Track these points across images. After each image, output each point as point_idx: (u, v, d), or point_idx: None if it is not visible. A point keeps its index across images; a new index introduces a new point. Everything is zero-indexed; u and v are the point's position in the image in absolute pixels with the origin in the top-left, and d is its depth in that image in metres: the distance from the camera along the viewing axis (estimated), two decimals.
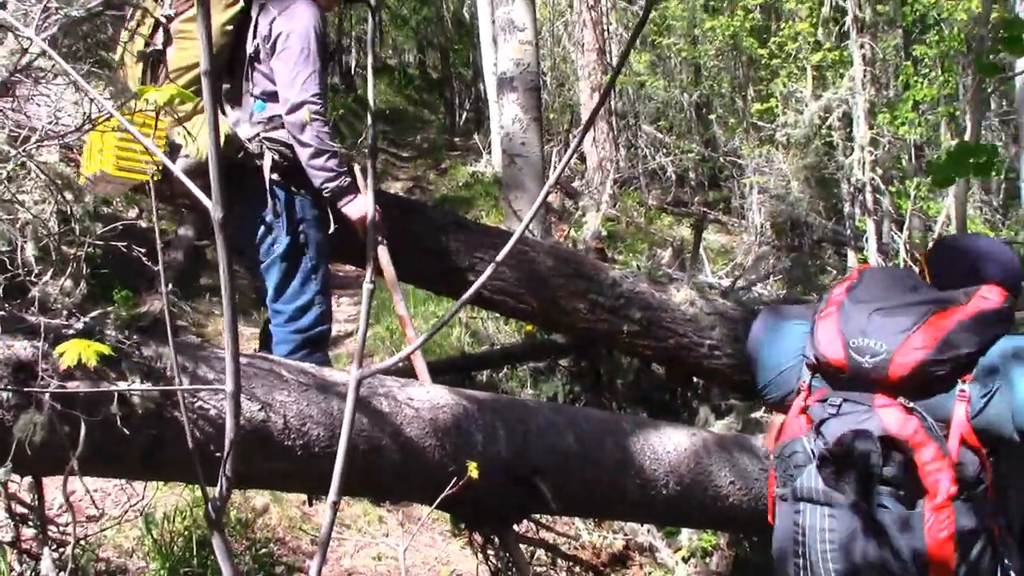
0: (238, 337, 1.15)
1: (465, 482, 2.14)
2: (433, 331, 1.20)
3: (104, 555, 3.44)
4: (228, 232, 1.10)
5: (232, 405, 1.15)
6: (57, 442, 2.15)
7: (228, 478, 1.18)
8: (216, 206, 1.07)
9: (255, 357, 2.71)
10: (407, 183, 13.69)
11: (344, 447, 1.19)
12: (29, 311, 2.28)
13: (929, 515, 2.07)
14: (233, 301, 1.11)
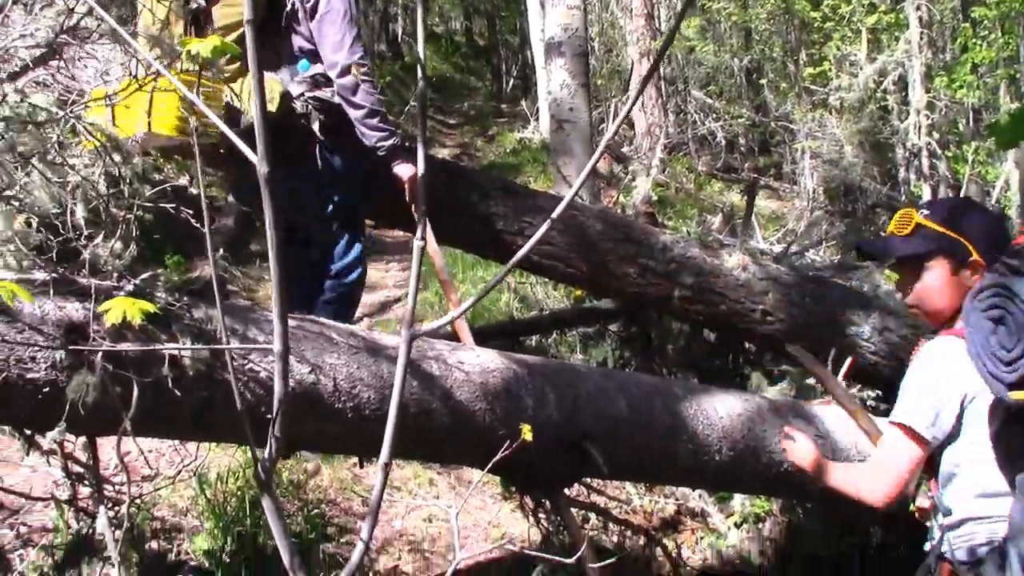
0: (286, 298, 1.13)
1: (516, 446, 2.11)
2: (482, 293, 1.17)
3: (159, 514, 3.48)
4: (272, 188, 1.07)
5: (280, 366, 1.13)
6: (109, 403, 2.16)
7: (277, 439, 1.16)
8: (261, 161, 1.04)
9: (305, 320, 2.71)
10: (454, 150, 13.65)
11: (395, 408, 1.17)
12: (80, 273, 2.29)
13: None
14: (280, 258, 1.09)
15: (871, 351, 4.40)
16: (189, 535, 3.35)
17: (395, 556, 3.63)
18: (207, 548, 3.17)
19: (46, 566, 2.82)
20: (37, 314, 2.17)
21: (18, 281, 2.25)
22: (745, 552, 4.13)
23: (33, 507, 3.37)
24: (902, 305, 4.55)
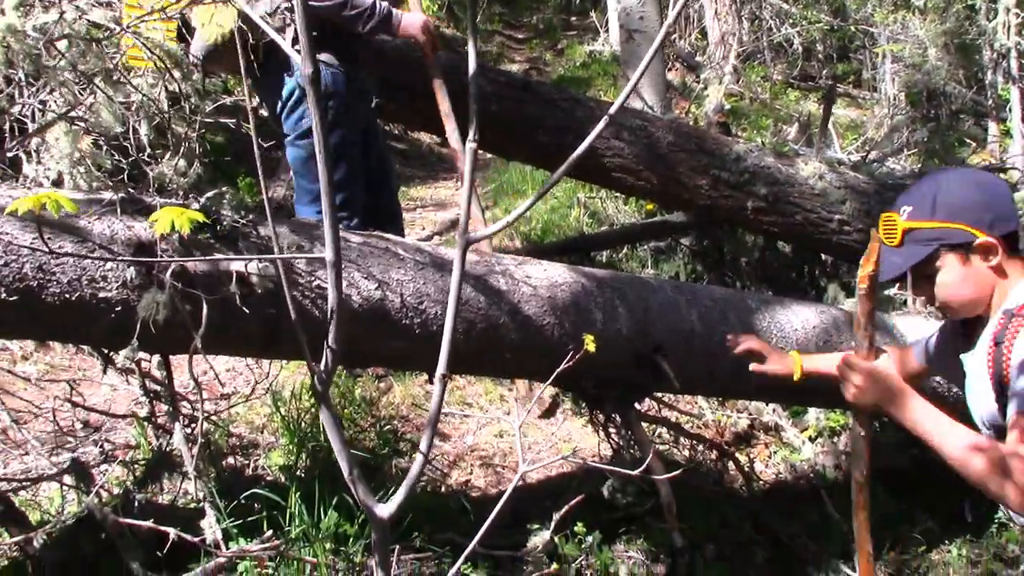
0: (334, 204, 1.10)
1: (584, 358, 2.07)
2: (537, 196, 1.13)
3: (237, 431, 3.56)
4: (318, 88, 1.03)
5: (333, 275, 1.10)
6: (179, 321, 2.18)
7: (333, 350, 1.14)
8: (306, 60, 1.00)
9: (371, 236, 2.69)
10: (523, 65, 13.44)
11: (451, 317, 1.14)
12: (148, 192, 2.30)
13: None
14: (329, 163, 1.05)
15: None
16: (265, 451, 3.41)
17: (467, 471, 3.67)
18: (282, 463, 3.23)
19: (128, 481, 2.90)
20: (107, 233, 2.19)
21: (87, 201, 2.28)
22: (819, 466, 4.08)
23: (117, 424, 3.48)
24: None
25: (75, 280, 2.13)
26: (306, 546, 2.67)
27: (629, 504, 3.33)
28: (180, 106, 2.18)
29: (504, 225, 1.16)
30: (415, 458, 3.50)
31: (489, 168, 8.12)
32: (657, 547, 3.21)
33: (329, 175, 1.10)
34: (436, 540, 2.89)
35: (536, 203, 1.15)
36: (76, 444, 3.13)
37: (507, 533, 3.17)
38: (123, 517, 2.44)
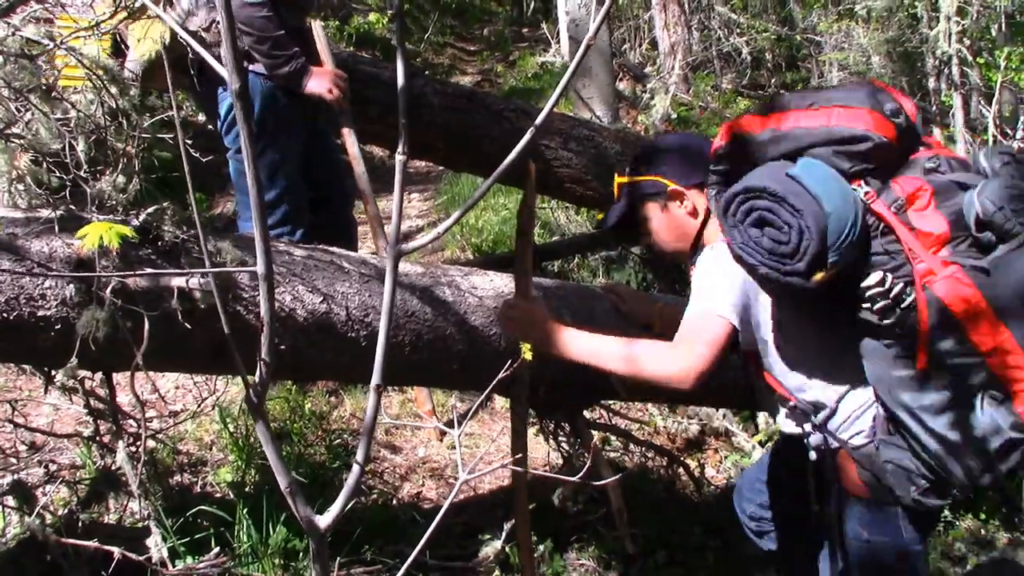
0: (266, 216, 1.10)
1: (531, 366, 2.08)
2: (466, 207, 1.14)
3: (185, 448, 3.53)
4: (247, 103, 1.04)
5: (265, 287, 1.10)
6: (121, 338, 2.17)
7: (266, 362, 1.14)
8: (232, 74, 1.01)
9: (316, 249, 2.69)
10: (475, 77, 13.46)
11: (384, 327, 1.14)
12: (87, 210, 2.28)
13: None
14: (258, 176, 1.06)
15: None
16: (213, 468, 3.39)
17: (419, 483, 3.66)
18: (230, 480, 3.21)
19: (73, 502, 2.86)
20: (45, 251, 2.17)
21: (25, 220, 2.25)
22: None
23: (63, 445, 3.43)
24: None
25: (13, 299, 2.11)
26: (255, 562, 2.66)
27: (580, 512, 3.35)
28: (118, 122, 2.16)
29: (434, 237, 1.17)
30: (376, 473, 3.54)
31: (441, 180, 8.12)
32: (609, 554, 3.23)
33: (260, 188, 1.10)
34: (387, 552, 2.89)
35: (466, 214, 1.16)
36: (19, 466, 3.08)
37: (460, 543, 3.17)
38: (67, 538, 2.41)
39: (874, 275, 1.97)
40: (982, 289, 1.91)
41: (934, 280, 1.92)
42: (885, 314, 1.99)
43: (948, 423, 1.97)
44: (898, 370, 2.02)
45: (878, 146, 2.00)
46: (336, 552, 2.68)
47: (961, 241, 1.96)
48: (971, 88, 11.08)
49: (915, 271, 1.95)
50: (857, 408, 2.20)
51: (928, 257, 1.95)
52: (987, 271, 1.91)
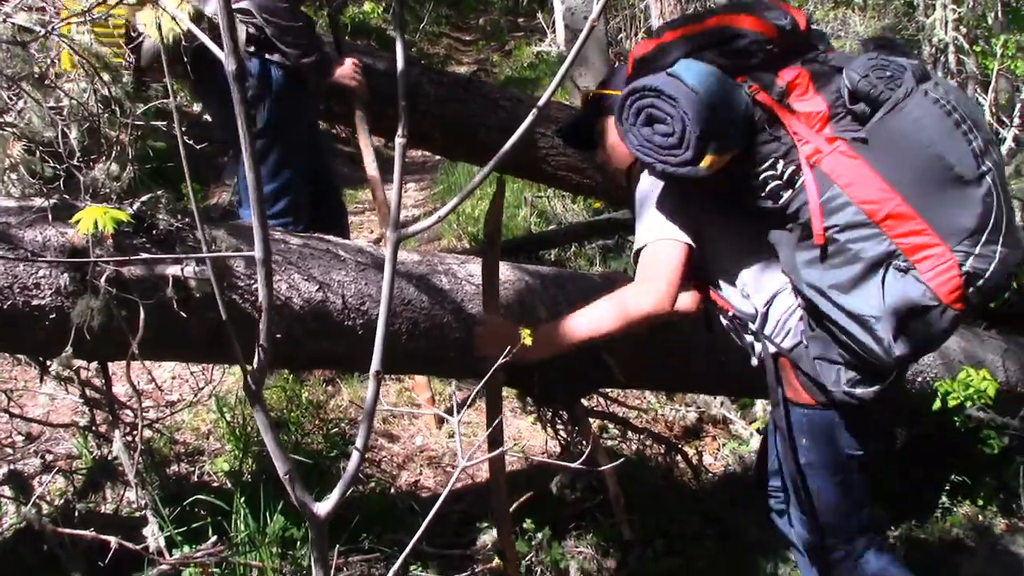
0: (263, 201, 1.09)
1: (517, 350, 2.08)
2: (464, 194, 1.12)
3: (182, 438, 3.52)
4: (244, 84, 1.02)
5: (263, 273, 1.09)
6: (116, 327, 2.15)
7: (264, 348, 1.13)
8: (229, 57, 0.99)
9: (311, 238, 2.68)
10: (471, 67, 13.42)
11: (384, 314, 1.13)
12: (81, 198, 2.26)
13: None
14: (255, 160, 1.04)
15: None
16: (211, 457, 3.38)
17: (416, 472, 3.66)
18: (228, 469, 3.20)
19: (70, 492, 2.85)
20: (39, 240, 2.15)
21: (18, 208, 2.24)
22: None
23: (59, 435, 3.42)
24: None
25: (6, 288, 2.09)
26: (252, 551, 2.65)
27: (578, 500, 3.35)
28: (111, 110, 2.15)
29: (435, 221, 1.16)
30: (374, 461, 3.53)
31: (438, 169, 8.10)
32: (607, 542, 3.22)
33: (257, 173, 1.08)
34: (385, 541, 2.88)
35: (464, 200, 1.15)
36: (15, 456, 3.07)
37: (457, 531, 3.17)
38: (63, 527, 2.40)
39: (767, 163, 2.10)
40: (866, 158, 2.01)
41: (821, 158, 2.04)
42: (778, 197, 2.11)
43: (857, 298, 2.02)
44: (803, 252, 2.10)
45: (755, 41, 2.10)
46: (334, 540, 2.67)
47: (841, 117, 2.07)
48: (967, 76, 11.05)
49: (801, 152, 2.06)
50: (785, 311, 2.28)
51: (813, 136, 2.06)
52: (866, 140, 2.02)
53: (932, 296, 1.98)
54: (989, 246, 1.97)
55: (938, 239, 1.97)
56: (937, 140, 1.97)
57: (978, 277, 1.98)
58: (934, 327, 2.02)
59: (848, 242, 2.02)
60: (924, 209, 1.97)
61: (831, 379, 2.18)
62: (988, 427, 3.65)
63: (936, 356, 3.61)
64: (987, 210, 1.97)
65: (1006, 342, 3.98)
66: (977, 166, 1.98)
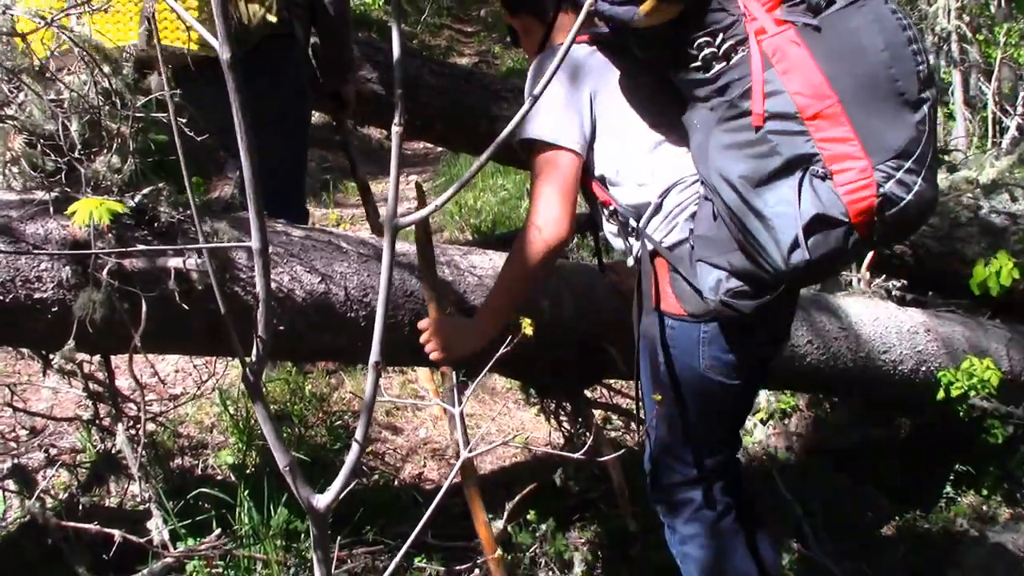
0: (260, 191, 1.08)
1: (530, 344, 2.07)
2: (461, 183, 1.12)
3: (186, 431, 3.52)
4: (238, 75, 1.02)
5: (260, 263, 1.09)
6: (118, 320, 2.15)
7: (262, 339, 1.13)
8: (223, 45, 0.99)
9: (314, 230, 2.68)
10: (473, 58, 13.40)
11: (382, 303, 1.13)
12: (82, 191, 2.26)
13: None
14: (252, 150, 1.04)
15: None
16: (214, 450, 3.38)
17: (420, 464, 3.66)
18: (231, 462, 3.20)
19: (74, 486, 2.85)
20: (40, 234, 2.16)
21: (19, 202, 2.23)
22: (771, 448, 4.13)
23: (63, 429, 3.42)
24: None
25: (8, 281, 2.10)
26: (256, 543, 2.65)
27: (582, 491, 3.34)
28: (112, 102, 2.14)
29: (432, 210, 1.15)
30: (377, 453, 3.53)
31: (440, 162, 8.09)
32: (611, 532, 3.22)
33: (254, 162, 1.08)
34: (389, 534, 2.89)
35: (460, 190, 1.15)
36: (19, 450, 3.07)
37: (461, 524, 3.16)
38: (67, 521, 2.40)
39: (707, 31, 1.98)
40: (812, 49, 1.89)
41: (765, 38, 1.92)
42: (709, 67, 1.99)
43: (765, 195, 1.90)
44: (720, 135, 1.98)
45: None
46: (337, 533, 2.67)
47: (796, 3, 1.95)
48: (970, 65, 11.03)
49: (748, 27, 1.94)
50: (677, 205, 2.20)
51: (762, 15, 1.94)
52: (819, 28, 1.90)
53: (844, 211, 1.86)
54: (911, 175, 1.86)
55: (863, 153, 1.85)
56: (889, 48, 1.85)
57: (892, 204, 1.86)
58: (835, 245, 1.89)
59: (769, 133, 1.90)
60: (857, 117, 1.85)
61: (709, 284, 2.06)
62: (992, 416, 3.64)
63: (940, 345, 3.61)
64: (919, 136, 1.86)
65: (1010, 331, 3.97)
66: (920, 90, 1.87)
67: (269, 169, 3.73)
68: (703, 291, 2.08)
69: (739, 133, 1.94)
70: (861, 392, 3.73)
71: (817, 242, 1.88)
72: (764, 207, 1.90)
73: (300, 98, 3.64)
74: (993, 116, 9.94)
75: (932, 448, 4.13)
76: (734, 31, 1.96)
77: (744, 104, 1.93)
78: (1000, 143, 8.89)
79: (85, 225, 1.06)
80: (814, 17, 1.91)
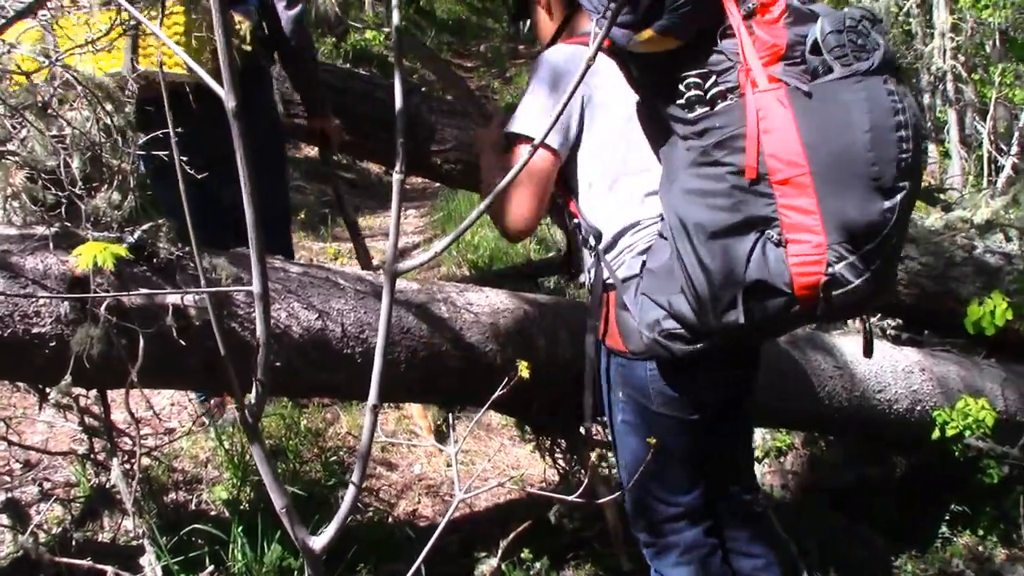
0: (262, 236, 1.10)
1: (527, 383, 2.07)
2: (466, 225, 1.13)
3: (180, 466, 3.51)
4: (243, 123, 1.03)
5: (260, 307, 1.10)
6: (115, 355, 2.16)
7: (261, 383, 1.14)
8: (229, 93, 1.01)
9: (311, 266, 2.69)
10: None
11: (381, 347, 1.14)
12: (82, 227, 2.27)
13: None
14: (254, 197, 1.05)
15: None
16: (208, 485, 3.37)
17: (414, 501, 3.65)
18: (226, 497, 3.19)
19: (67, 520, 2.85)
20: (40, 268, 2.16)
21: (19, 236, 2.25)
22: (767, 486, 4.12)
23: (58, 463, 3.41)
24: (924, 232, 4.49)
25: (7, 316, 2.10)
26: None
27: (576, 529, 3.34)
28: (113, 139, 2.16)
29: (431, 257, 1.16)
30: (372, 490, 3.52)
31: (438, 197, 8.13)
32: (605, 571, 3.21)
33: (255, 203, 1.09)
34: (382, 571, 2.88)
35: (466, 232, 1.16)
36: (13, 483, 3.06)
37: (455, 562, 3.15)
38: (61, 556, 2.39)
39: (700, 71, 1.95)
40: (797, 113, 1.85)
41: (756, 93, 1.88)
42: (692, 108, 1.96)
43: (715, 248, 1.88)
44: (687, 179, 1.96)
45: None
46: (331, 571, 2.66)
47: (795, 63, 1.91)
48: (966, 104, 11.12)
49: (741, 78, 1.90)
50: (632, 244, 2.21)
51: (758, 68, 1.90)
52: (809, 94, 1.86)
53: (788, 282, 1.85)
54: (865, 261, 1.84)
55: (822, 229, 1.82)
56: (873, 131, 1.82)
57: (840, 285, 1.84)
58: (772, 313, 1.89)
59: (736, 188, 1.88)
60: (824, 192, 1.82)
61: (647, 321, 2.06)
62: (988, 456, 3.64)
63: (935, 385, 3.62)
64: (883, 223, 1.83)
65: (1005, 371, 3.97)
66: (897, 179, 1.83)
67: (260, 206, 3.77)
68: (640, 326, 2.08)
69: (706, 181, 1.92)
70: (856, 431, 3.74)
71: (755, 307, 1.88)
72: (711, 260, 1.89)
73: (274, 133, 3.70)
74: (988, 155, 9.99)
75: (928, 488, 4.13)
76: (726, 77, 1.93)
77: (716, 154, 1.91)
78: (995, 182, 8.93)
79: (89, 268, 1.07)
80: (810, 81, 1.88)
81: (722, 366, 2.23)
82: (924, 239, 4.44)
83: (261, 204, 3.12)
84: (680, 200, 1.96)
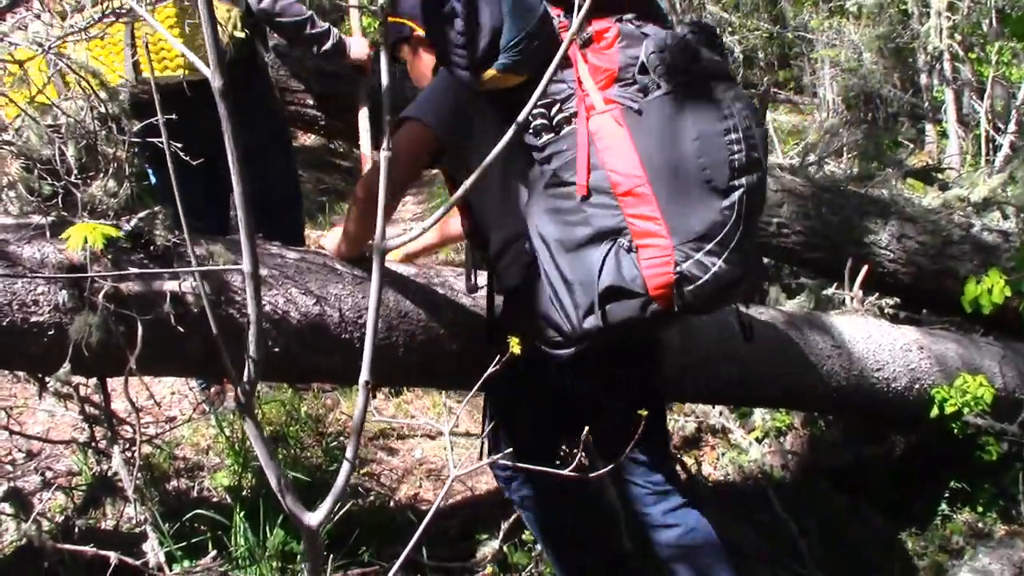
0: (252, 218, 1.10)
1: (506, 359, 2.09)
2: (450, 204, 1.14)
3: (182, 453, 3.53)
4: (230, 102, 1.04)
5: (251, 286, 1.11)
6: (114, 343, 2.17)
7: (254, 360, 1.15)
8: (215, 73, 1.01)
9: (308, 252, 2.69)
10: None
11: (372, 325, 1.15)
12: (79, 215, 2.28)
13: None
14: (243, 175, 1.06)
15: (889, 259, 4.35)
16: (210, 472, 3.39)
17: (416, 484, 3.66)
18: (227, 484, 3.21)
19: (70, 508, 2.86)
20: (37, 257, 2.17)
21: (16, 226, 2.26)
22: (767, 466, 4.14)
23: (59, 452, 3.43)
24: (921, 211, 4.50)
25: (5, 305, 2.11)
26: (252, 565, 2.66)
27: None
28: (109, 127, 2.17)
29: (419, 233, 1.17)
30: (374, 474, 3.54)
31: (434, 183, 8.13)
32: None
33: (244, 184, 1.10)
34: (384, 554, 2.89)
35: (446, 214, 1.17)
36: (15, 473, 3.08)
37: (457, 545, 3.17)
38: (63, 543, 2.41)
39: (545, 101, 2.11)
40: (632, 130, 2.01)
41: (592, 115, 2.05)
42: (539, 135, 2.12)
43: (573, 260, 2.04)
44: (544, 200, 2.11)
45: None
46: (333, 555, 2.68)
47: (628, 84, 2.08)
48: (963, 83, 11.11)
49: (580, 103, 2.07)
50: (515, 256, 2.26)
51: (594, 92, 2.07)
52: (641, 112, 2.01)
53: (641, 285, 1.99)
54: (710, 257, 1.98)
55: (666, 232, 1.97)
56: (701, 138, 1.97)
57: (689, 282, 1.97)
58: (631, 315, 2.01)
59: (585, 203, 2.04)
60: (664, 199, 1.97)
61: (530, 330, 2.16)
62: (986, 433, 3.66)
63: (934, 362, 3.63)
64: (723, 221, 1.98)
65: (1003, 348, 3.99)
66: (730, 179, 1.98)
67: (261, 193, 3.81)
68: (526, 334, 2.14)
69: (559, 200, 2.08)
70: (855, 410, 3.75)
71: (613, 310, 2.01)
72: (569, 272, 2.04)
73: (273, 120, 3.71)
74: (986, 134, 9.99)
75: (927, 465, 4.15)
76: (568, 104, 2.10)
77: (564, 175, 2.07)
78: (993, 161, 8.93)
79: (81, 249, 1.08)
80: (642, 99, 2.04)
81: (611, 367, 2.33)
82: (921, 218, 4.45)
83: (262, 191, 3.15)
84: (539, 219, 2.12)
